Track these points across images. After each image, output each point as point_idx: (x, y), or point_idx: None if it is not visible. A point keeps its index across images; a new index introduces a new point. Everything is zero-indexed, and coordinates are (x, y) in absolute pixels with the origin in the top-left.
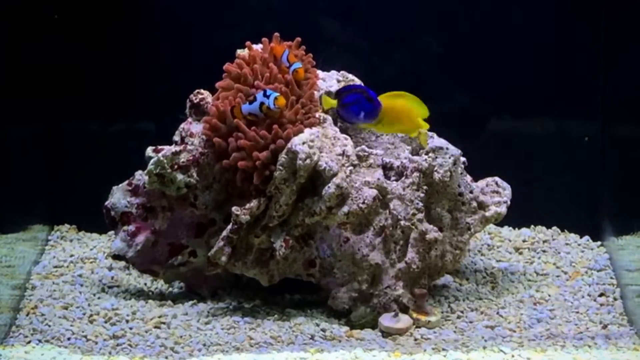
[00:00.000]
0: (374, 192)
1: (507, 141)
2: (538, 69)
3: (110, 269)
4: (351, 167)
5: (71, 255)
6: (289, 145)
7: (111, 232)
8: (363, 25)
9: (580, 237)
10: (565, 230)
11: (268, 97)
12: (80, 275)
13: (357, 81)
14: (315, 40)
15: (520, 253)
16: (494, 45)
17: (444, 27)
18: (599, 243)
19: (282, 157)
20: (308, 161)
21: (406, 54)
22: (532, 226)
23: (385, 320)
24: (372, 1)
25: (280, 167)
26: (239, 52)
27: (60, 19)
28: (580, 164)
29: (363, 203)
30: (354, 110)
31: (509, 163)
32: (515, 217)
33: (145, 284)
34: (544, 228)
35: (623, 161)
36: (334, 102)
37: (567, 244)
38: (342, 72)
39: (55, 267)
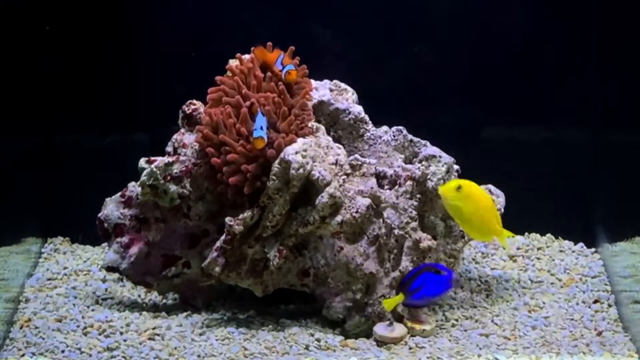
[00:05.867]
0: (367, 201)
1: (500, 149)
2: (531, 77)
3: (104, 281)
4: (344, 177)
5: (65, 268)
6: (282, 155)
7: (105, 244)
8: (356, 34)
9: (575, 244)
10: (560, 237)
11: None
12: (74, 288)
13: (350, 90)
14: (309, 50)
15: (515, 261)
16: (487, 52)
17: (438, 35)
18: (593, 250)
19: (275, 167)
20: (301, 171)
21: (399, 62)
22: (527, 233)
23: (380, 329)
24: (365, 9)
25: (274, 177)
26: (231, 62)
27: (51, 31)
28: (574, 170)
29: (356, 212)
30: (426, 294)
31: (502, 171)
32: (509, 224)
33: (139, 296)
34: (538, 235)
35: (616, 168)
36: (399, 299)
37: (561, 250)
38: (334, 81)
39: (49, 279)
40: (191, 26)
